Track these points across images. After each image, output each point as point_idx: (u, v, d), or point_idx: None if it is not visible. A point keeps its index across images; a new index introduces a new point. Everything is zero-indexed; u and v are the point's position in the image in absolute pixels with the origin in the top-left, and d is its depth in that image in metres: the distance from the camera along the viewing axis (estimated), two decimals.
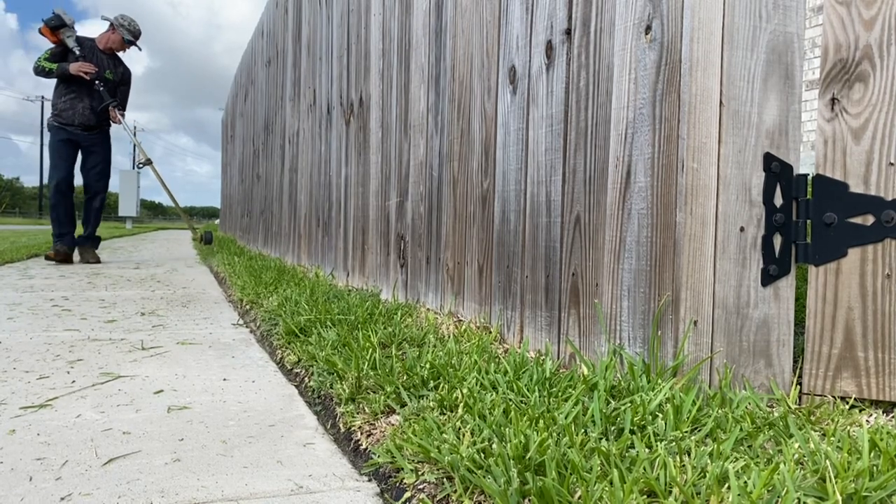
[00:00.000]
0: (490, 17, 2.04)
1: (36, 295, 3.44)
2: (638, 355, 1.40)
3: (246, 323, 2.71)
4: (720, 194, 1.31)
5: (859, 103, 1.29)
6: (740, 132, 1.31)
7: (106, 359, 1.95)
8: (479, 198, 2.12)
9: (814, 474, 0.87)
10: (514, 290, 1.90)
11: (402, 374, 1.47)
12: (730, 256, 1.32)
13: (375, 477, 1.07)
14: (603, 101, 1.52)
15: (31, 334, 2.32)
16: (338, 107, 3.80)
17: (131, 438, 1.25)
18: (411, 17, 2.67)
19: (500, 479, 0.88)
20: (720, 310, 1.32)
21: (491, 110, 2.04)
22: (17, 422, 1.34)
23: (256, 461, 1.14)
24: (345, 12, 3.65)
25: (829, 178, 1.30)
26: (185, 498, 0.98)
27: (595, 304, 1.54)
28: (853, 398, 1.30)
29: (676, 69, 1.32)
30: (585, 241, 1.58)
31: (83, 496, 0.98)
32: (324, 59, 4.14)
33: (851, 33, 1.28)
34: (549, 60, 1.74)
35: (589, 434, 1.03)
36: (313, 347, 1.83)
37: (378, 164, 3.10)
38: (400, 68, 2.81)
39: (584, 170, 1.59)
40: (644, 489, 0.84)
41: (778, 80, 1.33)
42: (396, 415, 1.26)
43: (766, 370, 1.34)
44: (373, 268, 3.15)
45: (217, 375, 1.78)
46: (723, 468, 0.87)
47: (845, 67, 1.29)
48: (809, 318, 1.32)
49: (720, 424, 1.08)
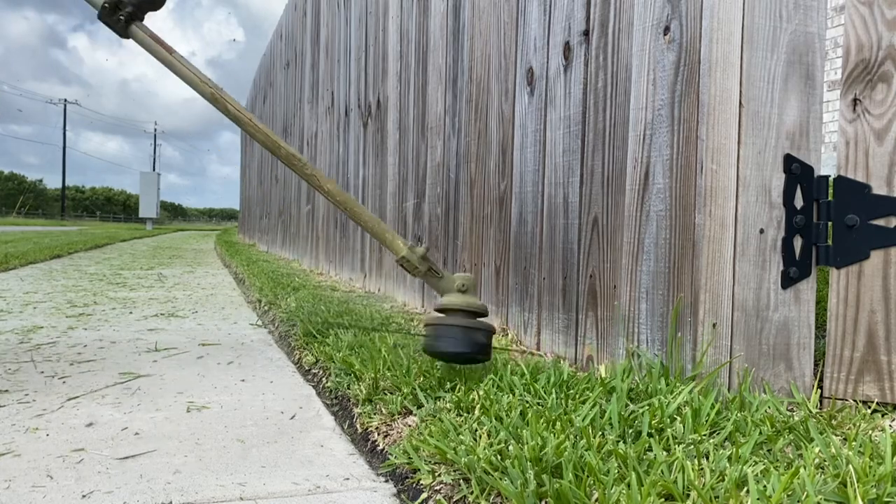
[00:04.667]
0: (507, 19, 2.04)
1: (59, 294, 3.49)
2: (656, 358, 1.40)
3: (264, 324, 2.73)
4: (739, 196, 1.30)
5: (882, 104, 1.27)
6: (760, 133, 1.30)
7: (126, 358, 1.97)
8: (496, 199, 2.12)
9: (835, 479, 0.86)
10: (531, 292, 1.90)
11: (418, 375, 1.47)
12: (749, 258, 1.31)
13: (392, 478, 1.08)
14: (621, 102, 1.52)
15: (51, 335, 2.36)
16: (356, 109, 3.82)
17: (151, 437, 1.26)
18: (429, 18, 2.68)
19: (516, 481, 0.88)
20: (739, 312, 1.31)
21: (508, 112, 2.04)
22: (38, 421, 1.35)
23: (274, 461, 1.15)
24: (363, 14, 3.67)
25: (851, 179, 1.29)
26: (203, 497, 0.99)
27: (615, 305, 1.53)
28: (875, 402, 1.28)
29: (695, 70, 1.31)
30: (603, 243, 1.58)
31: (104, 494, 0.99)
32: (342, 62, 4.16)
33: (874, 33, 1.27)
34: (566, 62, 1.73)
35: (606, 437, 1.03)
36: (330, 349, 1.84)
37: (395, 165, 3.11)
38: (417, 70, 2.82)
39: (601, 171, 1.59)
40: (662, 492, 0.84)
41: (798, 80, 1.32)
42: (413, 416, 1.27)
43: (786, 373, 1.33)
44: (389, 269, 3.16)
45: (237, 375, 1.79)
46: (742, 472, 0.87)
47: (868, 68, 1.28)
48: (831, 321, 1.30)
49: (739, 428, 1.07)
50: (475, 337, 1.36)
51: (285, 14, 6.77)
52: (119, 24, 1.61)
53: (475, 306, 1.43)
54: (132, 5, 1.60)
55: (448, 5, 2.49)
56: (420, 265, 1.48)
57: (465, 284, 1.46)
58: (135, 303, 3.28)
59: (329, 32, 4.55)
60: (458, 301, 1.43)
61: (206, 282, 4.54)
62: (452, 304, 1.42)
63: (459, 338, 1.36)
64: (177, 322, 2.71)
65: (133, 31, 1.62)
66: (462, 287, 1.46)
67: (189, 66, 1.60)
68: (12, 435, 1.26)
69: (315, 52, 5.03)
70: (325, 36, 4.66)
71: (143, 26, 1.63)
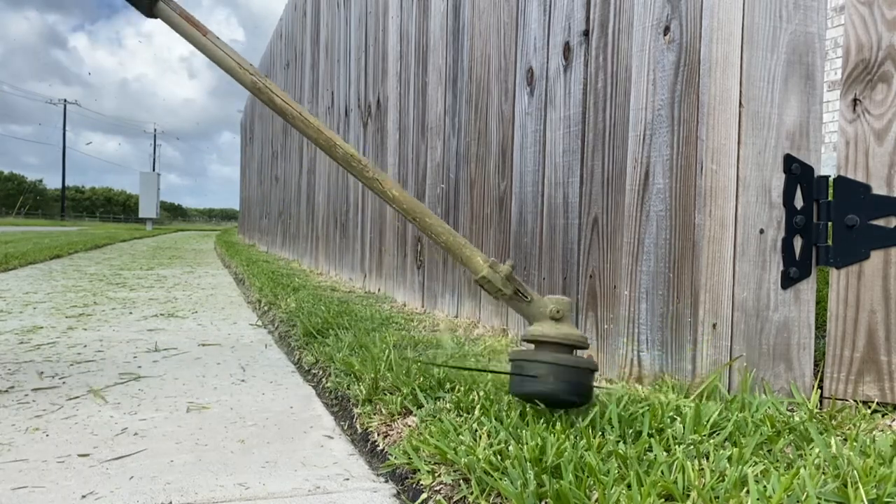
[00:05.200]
0: (507, 19, 2.04)
1: (58, 295, 3.49)
2: (656, 358, 1.39)
3: (264, 324, 2.73)
4: (740, 196, 1.30)
5: (882, 104, 1.27)
6: (760, 133, 1.30)
7: (126, 358, 1.97)
8: (496, 199, 2.12)
9: (835, 479, 0.86)
10: None
11: (418, 375, 1.47)
12: (749, 259, 1.31)
13: (392, 478, 1.08)
14: (621, 102, 1.52)
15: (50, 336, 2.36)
16: (355, 109, 3.82)
17: (151, 437, 1.26)
18: (429, 19, 2.68)
19: (516, 482, 0.88)
20: (739, 312, 1.31)
21: (508, 112, 2.04)
22: (38, 421, 1.35)
23: (274, 461, 1.15)
24: (362, 15, 3.67)
25: (851, 179, 1.29)
26: (203, 497, 0.99)
27: (613, 306, 1.53)
28: (875, 402, 1.28)
29: (695, 70, 1.31)
30: (603, 243, 1.58)
31: (104, 494, 0.99)
32: (342, 62, 4.16)
33: (874, 33, 1.27)
34: (566, 62, 1.73)
35: (606, 437, 1.03)
36: (330, 349, 1.84)
37: (395, 165, 3.11)
38: (417, 70, 2.82)
39: (601, 171, 1.59)
40: (662, 493, 0.84)
41: (798, 80, 1.32)
42: (413, 416, 1.27)
43: (786, 374, 1.33)
44: (389, 269, 3.16)
45: (236, 376, 1.79)
46: (742, 472, 0.86)
47: (867, 68, 1.28)
48: (831, 322, 1.30)
49: (739, 428, 1.07)
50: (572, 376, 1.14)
51: (285, 14, 6.77)
52: (144, 3, 1.40)
53: (573, 338, 1.20)
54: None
55: (448, 5, 2.49)
56: (505, 287, 1.25)
57: (561, 311, 1.22)
58: (135, 303, 3.28)
59: (329, 32, 4.54)
60: (551, 332, 1.20)
61: (205, 282, 4.54)
62: (545, 336, 1.20)
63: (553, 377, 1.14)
64: (177, 322, 2.71)
65: (160, 9, 1.41)
66: (556, 314, 1.22)
67: (227, 50, 1.40)
68: (12, 435, 1.26)
69: (315, 52, 5.03)
70: (325, 36, 4.66)
71: (171, 3, 1.41)
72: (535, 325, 1.23)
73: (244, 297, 3.69)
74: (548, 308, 1.23)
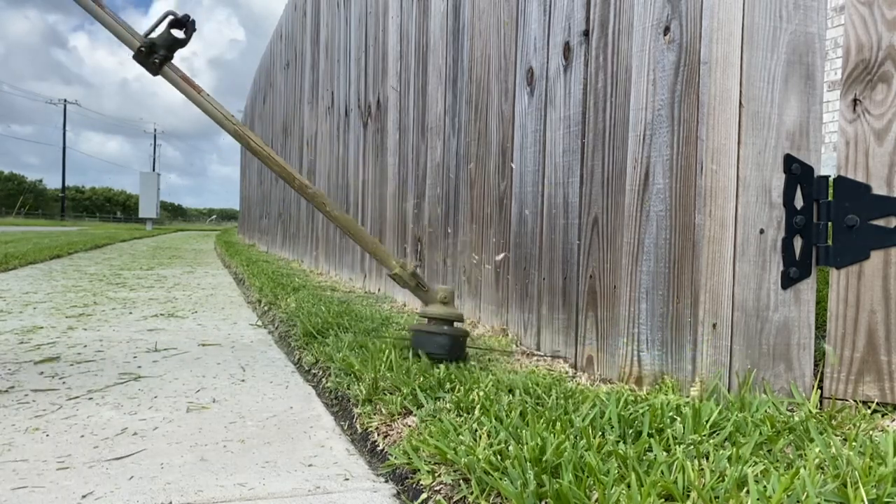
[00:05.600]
0: (507, 19, 2.04)
1: (58, 295, 3.49)
2: (656, 358, 1.40)
3: (264, 324, 2.73)
4: (740, 196, 1.30)
5: (882, 104, 1.27)
6: (760, 133, 1.30)
7: (126, 358, 1.97)
8: (496, 199, 2.12)
9: (835, 479, 0.86)
10: (532, 292, 1.90)
11: (418, 375, 1.47)
12: (749, 259, 1.31)
13: (392, 478, 1.08)
14: (621, 102, 1.52)
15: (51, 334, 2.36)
16: (355, 109, 3.82)
17: (151, 437, 1.26)
18: (429, 19, 2.68)
19: (516, 482, 0.88)
20: (739, 312, 1.31)
21: (508, 112, 2.04)
22: (38, 421, 1.35)
23: (274, 461, 1.15)
24: (362, 15, 3.67)
25: (851, 179, 1.29)
26: (203, 497, 0.99)
27: (613, 306, 1.53)
28: (875, 402, 1.28)
29: (695, 70, 1.31)
30: (603, 243, 1.58)
31: (104, 494, 0.99)
32: (342, 62, 4.16)
33: (874, 33, 1.27)
34: (566, 62, 1.73)
35: (606, 437, 1.03)
36: (330, 349, 1.84)
37: (395, 165, 3.11)
38: (417, 70, 2.82)
39: (601, 171, 1.59)
40: (662, 493, 0.84)
41: (799, 80, 1.32)
42: (413, 416, 1.27)
43: (786, 374, 1.33)
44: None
45: (236, 376, 1.79)
46: (742, 472, 0.86)
47: (868, 68, 1.28)
48: (831, 322, 1.30)
49: (739, 428, 1.07)
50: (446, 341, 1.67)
51: (285, 14, 6.77)
52: (154, 66, 1.76)
53: (453, 315, 1.74)
54: (165, 48, 1.75)
55: (448, 5, 2.49)
56: (410, 280, 1.77)
57: (447, 296, 1.75)
58: (135, 303, 3.28)
59: (329, 32, 4.55)
60: (438, 311, 1.73)
61: (205, 282, 4.54)
62: (433, 314, 1.73)
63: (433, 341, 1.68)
64: (177, 322, 2.71)
65: (165, 72, 1.77)
66: (444, 298, 1.75)
67: (216, 105, 1.80)
68: (12, 435, 1.26)
69: (315, 53, 5.03)
70: (325, 36, 4.66)
71: (173, 66, 1.79)
72: (429, 306, 1.76)
73: (244, 297, 3.69)
74: (438, 294, 1.76)
